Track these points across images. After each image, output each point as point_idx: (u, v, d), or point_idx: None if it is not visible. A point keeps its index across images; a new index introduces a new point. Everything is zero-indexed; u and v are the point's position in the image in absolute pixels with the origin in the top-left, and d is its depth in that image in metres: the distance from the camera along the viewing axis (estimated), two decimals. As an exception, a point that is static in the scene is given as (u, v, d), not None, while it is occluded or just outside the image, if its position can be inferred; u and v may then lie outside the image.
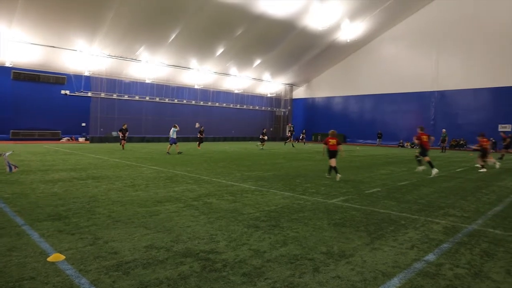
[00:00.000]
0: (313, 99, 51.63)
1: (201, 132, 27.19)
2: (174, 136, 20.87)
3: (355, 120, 45.74)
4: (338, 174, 11.20)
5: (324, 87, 49.67)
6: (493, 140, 29.81)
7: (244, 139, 42.19)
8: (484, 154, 15.44)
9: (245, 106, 47.74)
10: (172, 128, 21.03)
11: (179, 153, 19.93)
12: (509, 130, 34.03)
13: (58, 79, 33.51)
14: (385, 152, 26.98)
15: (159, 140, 37.44)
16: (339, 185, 10.26)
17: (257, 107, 49.54)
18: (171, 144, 20.75)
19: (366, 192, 9.34)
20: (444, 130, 32.64)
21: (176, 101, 41.15)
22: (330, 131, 11.85)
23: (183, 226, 5.99)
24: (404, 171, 14.24)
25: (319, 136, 48.68)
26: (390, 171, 14.29)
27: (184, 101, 41.90)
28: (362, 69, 44.58)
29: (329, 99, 49.60)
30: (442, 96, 38.58)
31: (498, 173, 14.50)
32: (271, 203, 7.60)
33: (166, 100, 40.43)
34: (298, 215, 6.64)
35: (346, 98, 47.56)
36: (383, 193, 9.19)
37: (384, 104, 43.17)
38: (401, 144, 39.95)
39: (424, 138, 13.04)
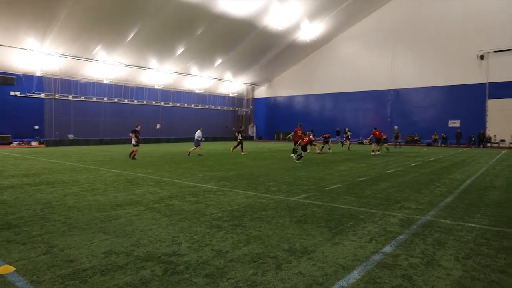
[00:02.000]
0: (274, 98, 51.69)
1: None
2: (199, 138, 21.05)
3: (316, 118, 46.02)
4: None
5: (286, 86, 49.88)
6: (397, 131, 32.72)
7: (207, 139, 41.80)
8: (377, 142, 22.26)
9: (207, 106, 47.22)
10: (198, 131, 21.23)
11: (199, 155, 20.16)
12: (458, 125, 36.22)
13: (6, 80, 31.61)
14: (344, 149, 27.32)
15: (117, 142, 36.26)
16: (301, 183, 10.32)
17: (219, 107, 49.19)
18: (195, 146, 20.97)
19: (327, 188, 9.36)
20: (396, 127, 33.88)
21: (135, 101, 40.11)
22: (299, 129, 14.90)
23: (144, 229, 5.82)
24: (363, 167, 14.53)
25: (281, 135, 48.65)
26: (350, 167, 14.57)
27: (144, 102, 40.93)
28: (322, 68, 45.16)
29: (290, 98, 49.77)
30: (398, 94, 39.87)
31: (450, 166, 15.45)
32: (234, 203, 7.54)
33: (125, 101, 39.30)
34: (260, 213, 6.61)
35: (307, 97, 47.91)
36: (343, 189, 9.28)
37: (343, 102, 43.94)
38: (360, 141, 40.66)
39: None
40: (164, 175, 12.24)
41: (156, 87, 41.56)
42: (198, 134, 20.77)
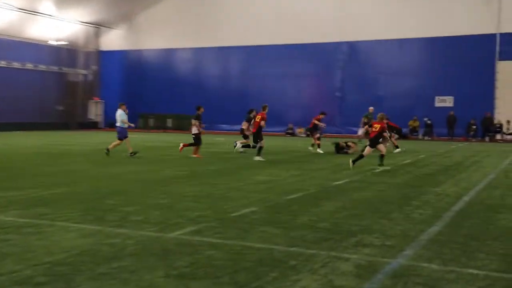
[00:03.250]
0: (139, 53, 35.46)
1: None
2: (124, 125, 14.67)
3: (215, 90, 32.43)
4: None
5: (160, 31, 33.95)
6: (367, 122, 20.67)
7: (5, 127, 27.43)
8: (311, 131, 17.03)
9: (3, 63, 29.86)
10: (119, 111, 14.51)
11: (132, 154, 14.20)
12: (451, 105, 27.10)
13: None
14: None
15: None
16: (187, 205, 7.68)
17: (30, 66, 31.79)
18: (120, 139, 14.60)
19: (233, 214, 7.15)
20: (371, 108, 21.77)
21: None
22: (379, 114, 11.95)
23: None
24: (296, 176, 11.30)
25: (151, 120, 33.78)
26: (273, 176, 11.28)
27: None
28: (227, 2, 32.41)
29: (168, 53, 34.70)
30: (354, 51, 29.38)
31: (437, 172, 12.37)
32: (58, 249, 5.34)
33: None
34: (110, 266, 4.81)
35: (200, 52, 33.30)
36: (261, 214, 7.19)
37: (261, 64, 31.21)
38: (290, 131, 29.89)
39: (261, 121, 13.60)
40: None
41: None
42: (120, 116, 14.48)
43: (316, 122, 17.01)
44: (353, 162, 11.51)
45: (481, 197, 8.55)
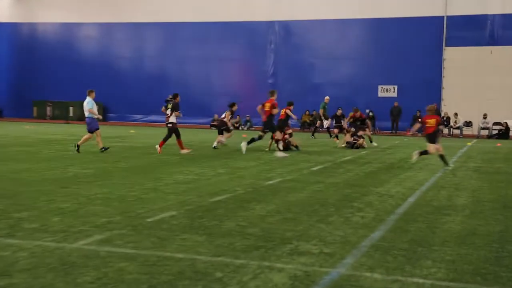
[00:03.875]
0: (33, 26, 31.51)
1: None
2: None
3: (126, 74, 29.23)
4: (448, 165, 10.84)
5: (59, 1, 30.71)
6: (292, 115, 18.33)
7: None
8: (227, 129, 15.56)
9: None
10: (87, 99, 13.10)
11: (103, 150, 12.87)
12: (395, 95, 25.17)
13: None
14: (186, 139, 18.57)
15: None
16: (93, 210, 7.19)
17: None
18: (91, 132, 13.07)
19: (149, 220, 6.56)
20: (327, 98, 20.85)
21: None
22: (428, 106, 11.52)
23: None
24: (222, 175, 10.63)
25: (49, 108, 29.85)
26: (196, 175, 10.59)
27: None
28: None
29: (70, 28, 30.80)
30: (288, 31, 27.35)
31: (380, 170, 11.89)
32: None
33: None
34: None
35: (108, 28, 29.93)
36: (182, 219, 6.63)
37: (181, 45, 28.49)
38: (215, 123, 27.41)
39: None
40: None
41: None
42: (88, 105, 13.28)
43: (289, 112, 14.76)
44: (420, 154, 11.14)
45: (427, 198, 8.24)
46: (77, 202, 7.45)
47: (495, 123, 23.38)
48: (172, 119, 13.91)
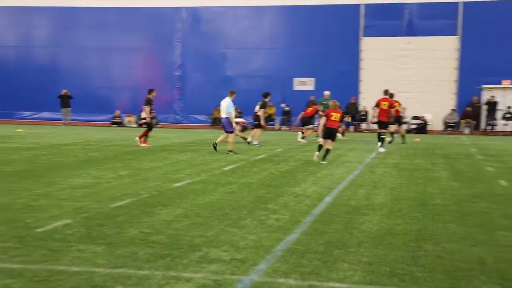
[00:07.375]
0: None
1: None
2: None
3: (10, 65, 26.69)
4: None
5: None
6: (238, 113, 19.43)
7: None
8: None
9: None
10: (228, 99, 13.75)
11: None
12: (312, 89, 23.89)
13: None
14: (84, 138, 18.54)
15: None
16: None
17: None
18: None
19: (39, 230, 5.97)
20: (327, 93, 19.12)
21: None
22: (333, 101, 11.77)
23: None
24: (124, 177, 9.92)
25: None
26: (94, 178, 9.76)
27: None
28: None
29: None
30: (196, 18, 25.79)
31: (296, 168, 11.20)
32: None
33: None
34: None
35: None
36: (78, 228, 6.13)
37: (75, 33, 26.36)
38: (117, 120, 25.59)
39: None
40: None
41: None
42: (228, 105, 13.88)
43: (320, 112, 15.37)
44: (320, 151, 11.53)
45: (344, 197, 7.97)
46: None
47: (414, 117, 23.00)
48: (144, 115, 14.51)
